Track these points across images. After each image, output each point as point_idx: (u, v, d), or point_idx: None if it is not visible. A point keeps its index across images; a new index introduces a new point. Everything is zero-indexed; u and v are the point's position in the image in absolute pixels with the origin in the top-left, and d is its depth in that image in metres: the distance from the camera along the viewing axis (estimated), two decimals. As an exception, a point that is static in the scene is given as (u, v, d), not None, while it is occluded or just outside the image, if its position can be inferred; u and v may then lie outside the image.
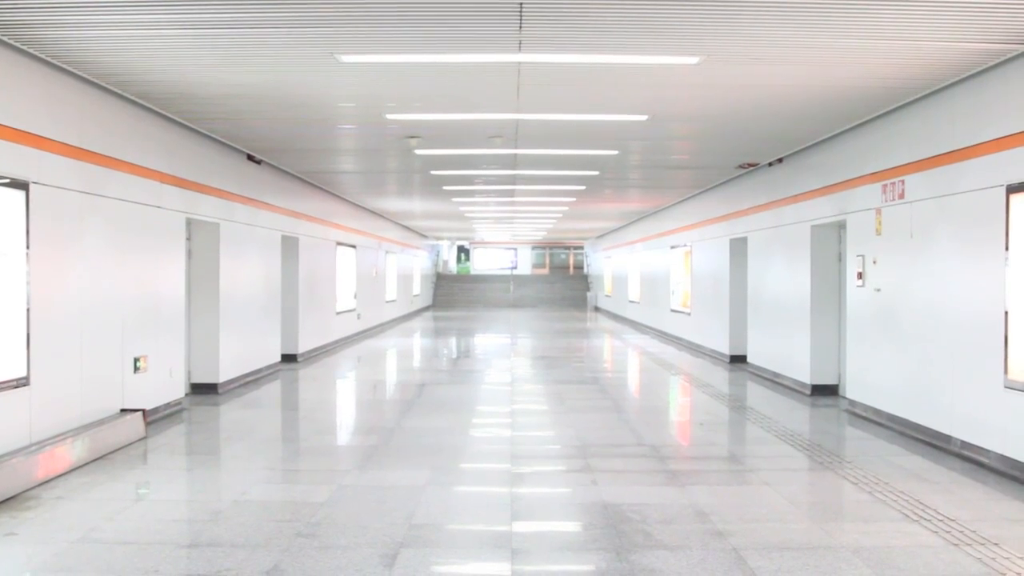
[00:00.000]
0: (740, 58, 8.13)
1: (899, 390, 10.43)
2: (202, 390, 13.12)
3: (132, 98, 9.93)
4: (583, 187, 19.46)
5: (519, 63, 8.40)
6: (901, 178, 10.38)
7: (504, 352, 22.17)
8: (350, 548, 6.03)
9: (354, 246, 23.67)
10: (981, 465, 8.55)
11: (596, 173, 16.99)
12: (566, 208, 25.56)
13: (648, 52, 8.04)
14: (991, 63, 8.21)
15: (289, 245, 17.53)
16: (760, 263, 16.16)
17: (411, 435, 10.45)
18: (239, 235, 14.16)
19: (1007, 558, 5.83)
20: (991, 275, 8.42)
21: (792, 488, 8.07)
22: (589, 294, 46.70)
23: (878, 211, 11.00)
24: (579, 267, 55.74)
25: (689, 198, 21.71)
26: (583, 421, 11.23)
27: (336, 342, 21.56)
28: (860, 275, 11.54)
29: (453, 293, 48.11)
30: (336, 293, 21.70)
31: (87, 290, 9.22)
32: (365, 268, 25.41)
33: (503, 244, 54.97)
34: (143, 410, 10.00)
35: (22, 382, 7.93)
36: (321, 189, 19.80)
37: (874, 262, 11.13)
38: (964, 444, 8.95)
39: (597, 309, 42.74)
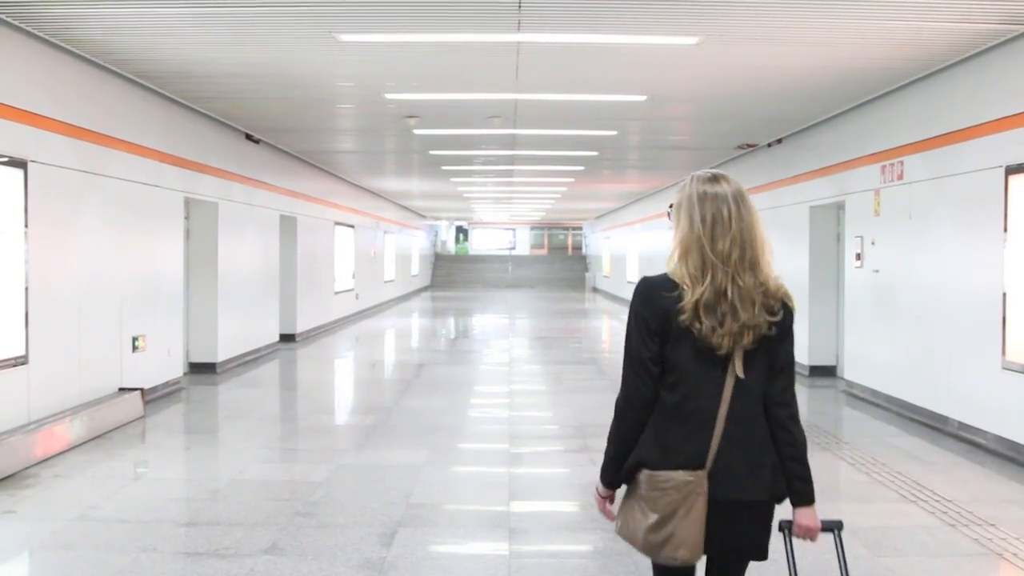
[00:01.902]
0: (739, 38, 8.10)
1: (897, 371, 10.45)
2: (200, 369, 13.12)
3: (131, 77, 9.89)
4: (582, 167, 19.43)
5: (518, 43, 8.37)
6: (900, 159, 10.36)
7: (502, 332, 22.21)
8: (348, 527, 6.05)
9: (352, 226, 23.64)
10: (978, 446, 8.57)
11: (595, 154, 16.96)
12: (565, 188, 25.53)
13: (647, 32, 8.01)
14: (991, 44, 8.18)
15: (287, 225, 17.50)
16: (759, 244, 16.12)
17: (409, 415, 10.47)
18: (237, 215, 14.13)
19: (1004, 539, 5.86)
20: (989, 256, 8.41)
21: (789, 468, 8.09)
22: (587, 275, 46.70)
23: (877, 192, 10.99)
24: (577, 247, 55.70)
25: (688, 179, 21.65)
26: (581, 401, 11.26)
27: (334, 322, 21.56)
28: (859, 256, 11.54)
29: (451, 273, 48.10)
30: (334, 273, 21.68)
31: (85, 269, 9.21)
32: (363, 248, 25.38)
33: (501, 224, 54.90)
34: (141, 389, 10.00)
35: (20, 360, 7.93)
36: (320, 169, 19.76)
37: (873, 243, 11.12)
38: (962, 425, 8.98)
39: (595, 290, 42.75)
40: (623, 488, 3.01)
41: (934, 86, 9.51)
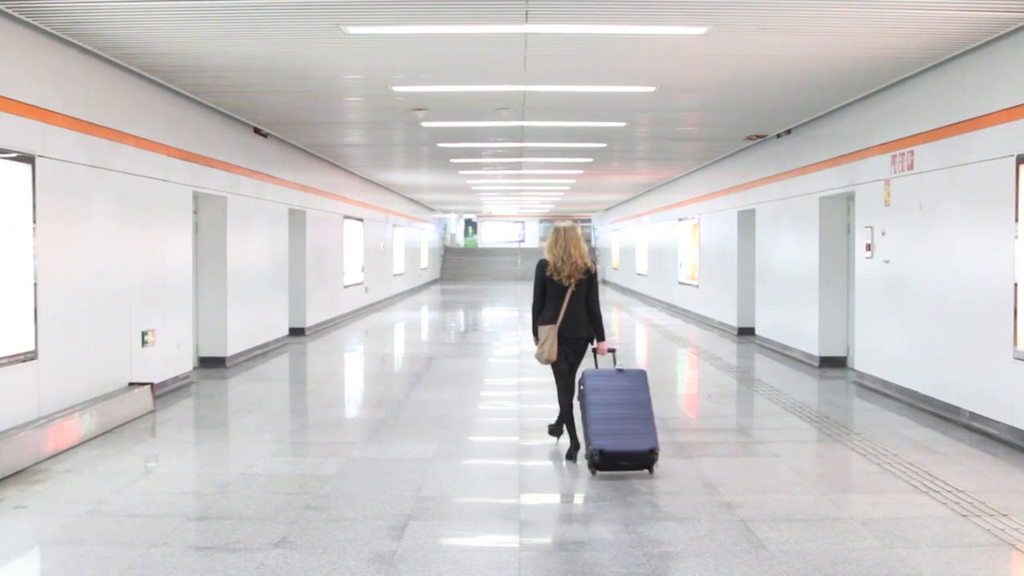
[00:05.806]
0: (748, 28, 8.06)
1: (908, 362, 10.41)
2: (210, 363, 13.15)
3: (138, 71, 9.89)
4: (591, 159, 19.39)
5: (526, 34, 8.34)
6: (910, 149, 10.31)
7: (512, 325, 22.19)
8: (358, 520, 6.04)
9: (361, 219, 23.64)
10: (990, 436, 8.54)
11: (604, 145, 16.92)
12: (574, 181, 25.48)
13: (655, 22, 7.98)
14: (1002, 32, 8.13)
15: (296, 218, 17.51)
16: (768, 235, 16.10)
17: (419, 408, 10.47)
18: (246, 209, 14.14)
19: (1016, 529, 5.83)
20: (1000, 246, 8.37)
21: (800, 460, 8.07)
22: (597, 267, 46.57)
23: (887, 182, 10.94)
24: (587, 240, 55.53)
25: (697, 170, 21.61)
26: (591, 394, 11.21)
27: (344, 315, 21.58)
28: (869, 247, 11.49)
29: (461, 266, 48.09)
30: (344, 267, 21.69)
31: (94, 264, 9.22)
32: (372, 241, 25.38)
33: (510, 217, 54.85)
34: (151, 384, 10.03)
35: (30, 356, 7.95)
36: (328, 162, 19.76)
37: (883, 234, 11.07)
38: (973, 416, 8.94)
39: (604, 282, 42.67)
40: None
41: (945, 75, 9.45)
